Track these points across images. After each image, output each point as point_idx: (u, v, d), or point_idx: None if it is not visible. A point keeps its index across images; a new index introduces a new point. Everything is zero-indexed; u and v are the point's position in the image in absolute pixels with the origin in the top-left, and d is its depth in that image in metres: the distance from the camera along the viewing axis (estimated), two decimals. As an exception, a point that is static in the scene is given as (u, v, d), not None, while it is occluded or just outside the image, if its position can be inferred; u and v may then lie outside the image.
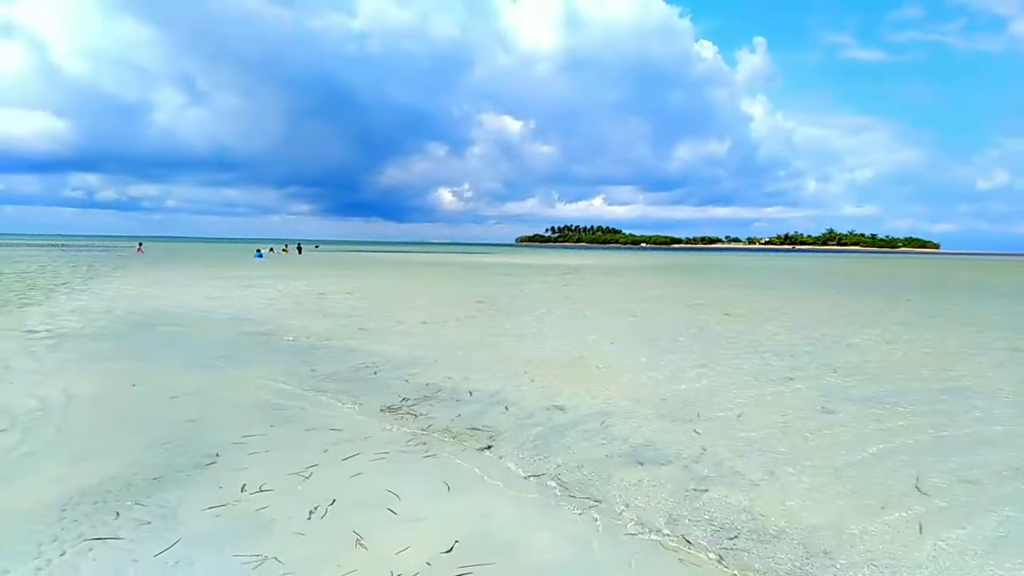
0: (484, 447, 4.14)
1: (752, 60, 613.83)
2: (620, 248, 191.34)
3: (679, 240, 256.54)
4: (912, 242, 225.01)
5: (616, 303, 13.91)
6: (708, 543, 2.86)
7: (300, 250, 51.70)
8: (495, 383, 5.94)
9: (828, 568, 2.66)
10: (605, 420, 4.80)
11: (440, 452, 4.03)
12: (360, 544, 2.78)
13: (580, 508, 3.22)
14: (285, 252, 49.00)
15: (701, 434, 4.48)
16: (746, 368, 6.80)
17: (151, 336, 8.35)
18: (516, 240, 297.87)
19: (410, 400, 5.30)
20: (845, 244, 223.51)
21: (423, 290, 16.92)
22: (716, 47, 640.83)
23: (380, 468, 3.73)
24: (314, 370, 6.39)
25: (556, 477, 3.65)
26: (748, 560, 2.72)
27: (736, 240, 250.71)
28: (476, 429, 4.53)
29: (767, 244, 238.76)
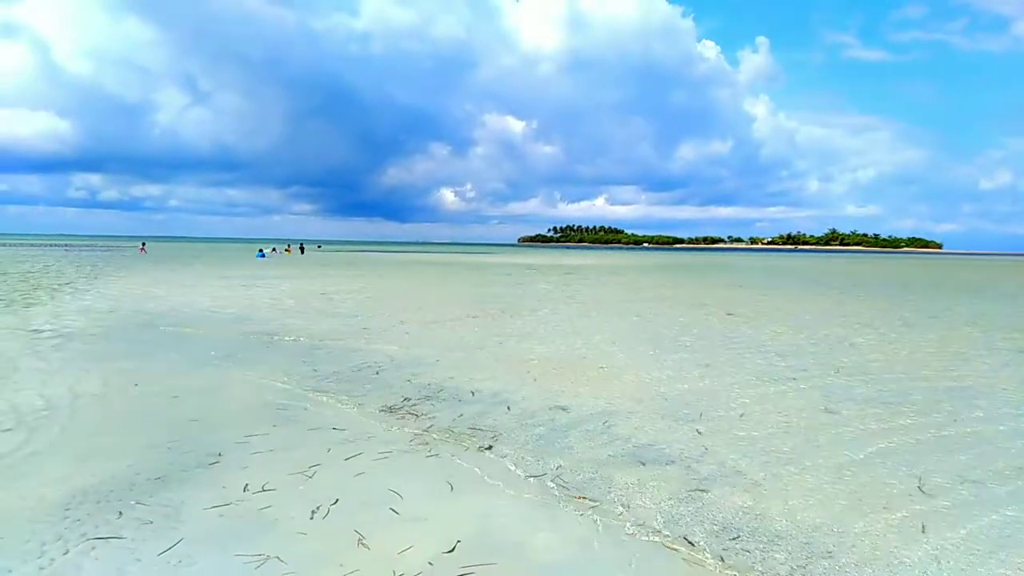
0: (486, 447, 4.15)
1: (755, 60, 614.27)
2: (622, 248, 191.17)
3: (681, 240, 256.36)
4: (915, 242, 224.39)
5: (619, 303, 13.90)
6: (709, 543, 2.86)
7: (303, 250, 51.77)
8: (497, 383, 5.95)
9: (830, 568, 2.65)
10: (607, 420, 4.80)
11: (442, 452, 4.03)
12: (362, 544, 2.79)
13: (582, 508, 3.23)
14: (288, 252, 49.07)
15: (703, 434, 4.48)
16: (749, 368, 6.79)
17: (155, 336, 8.38)
18: (519, 240, 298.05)
19: (412, 400, 5.31)
20: (848, 244, 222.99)
21: (425, 290, 16.93)
22: (719, 47, 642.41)
23: (382, 468, 3.74)
24: (316, 370, 6.40)
25: (558, 477, 3.65)
26: (750, 560, 2.72)
27: (738, 240, 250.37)
28: (478, 429, 4.54)
29: (769, 244, 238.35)
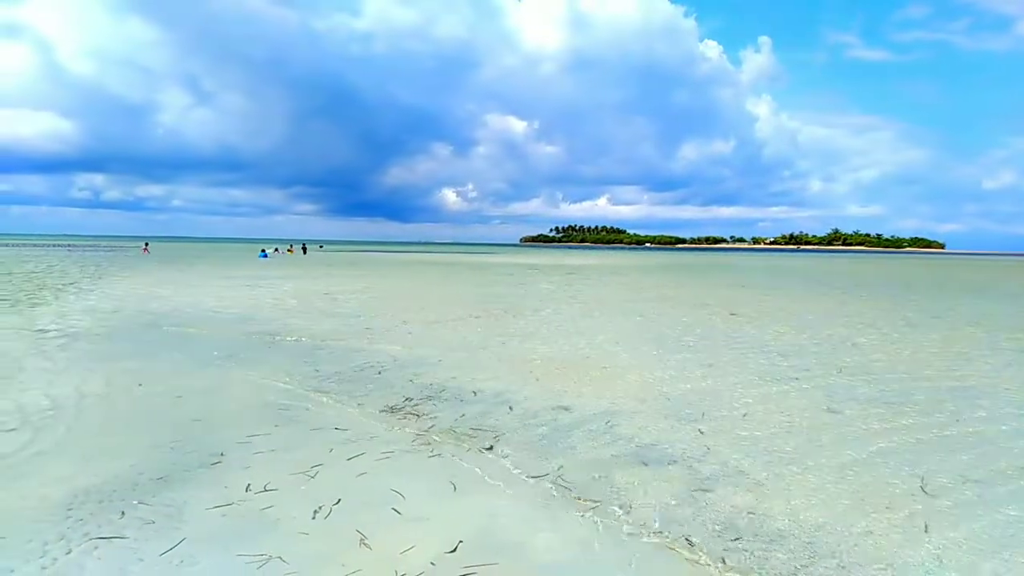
0: (488, 447, 4.15)
1: (757, 60, 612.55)
2: (624, 248, 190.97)
3: (683, 240, 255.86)
4: (918, 242, 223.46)
5: (621, 303, 13.89)
6: (711, 544, 2.86)
7: (305, 250, 51.85)
8: (499, 383, 5.95)
9: (833, 568, 2.65)
10: (610, 420, 4.80)
11: (444, 452, 4.04)
12: (364, 544, 2.80)
13: (583, 509, 3.23)
14: (290, 252, 49.14)
15: (706, 434, 4.47)
16: (751, 368, 6.78)
17: (158, 336, 8.40)
18: (520, 240, 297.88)
19: (415, 400, 5.32)
20: (850, 244, 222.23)
21: (427, 290, 16.94)
22: (721, 47, 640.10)
23: (385, 468, 3.74)
24: (319, 370, 6.41)
25: (560, 477, 3.65)
26: (751, 561, 2.71)
27: (741, 240, 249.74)
28: (480, 429, 4.54)
29: (772, 244, 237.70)
